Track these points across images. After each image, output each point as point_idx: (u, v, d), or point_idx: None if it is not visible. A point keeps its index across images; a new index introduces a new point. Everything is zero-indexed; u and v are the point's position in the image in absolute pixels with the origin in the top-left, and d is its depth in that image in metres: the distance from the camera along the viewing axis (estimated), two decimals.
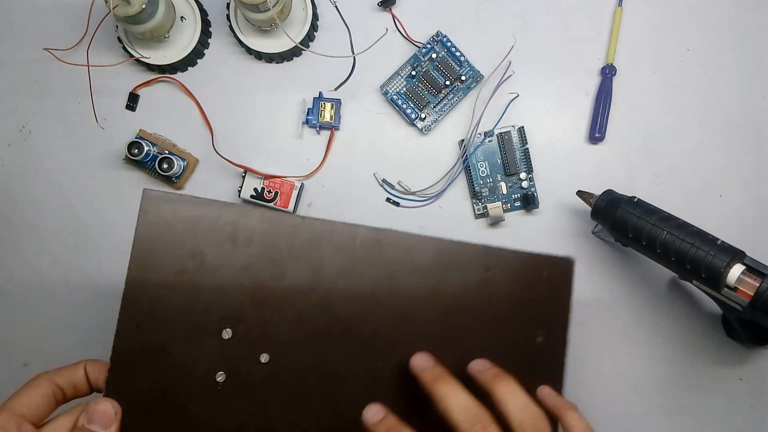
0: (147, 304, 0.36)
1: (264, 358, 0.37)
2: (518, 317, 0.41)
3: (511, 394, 0.36)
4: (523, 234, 0.55)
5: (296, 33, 0.54)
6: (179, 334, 0.36)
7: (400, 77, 0.55)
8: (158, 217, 0.37)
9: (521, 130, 0.55)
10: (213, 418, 0.36)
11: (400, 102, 0.55)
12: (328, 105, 0.55)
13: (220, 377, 0.37)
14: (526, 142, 0.54)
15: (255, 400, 0.37)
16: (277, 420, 0.37)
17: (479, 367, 0.38)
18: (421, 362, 0.38)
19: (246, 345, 0.37)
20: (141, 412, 0.36)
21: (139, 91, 0.56)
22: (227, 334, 0.37)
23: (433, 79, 0.55)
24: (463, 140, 0.55)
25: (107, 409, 0.35)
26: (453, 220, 0.55)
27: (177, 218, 0.37)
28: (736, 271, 0.43)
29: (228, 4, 0.55)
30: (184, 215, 0.37)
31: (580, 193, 0.52)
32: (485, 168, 0.55)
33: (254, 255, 0.37)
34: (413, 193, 0.55)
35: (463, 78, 0.55)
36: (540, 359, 0.41)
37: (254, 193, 0.54)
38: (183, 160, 0.55)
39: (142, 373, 0.36)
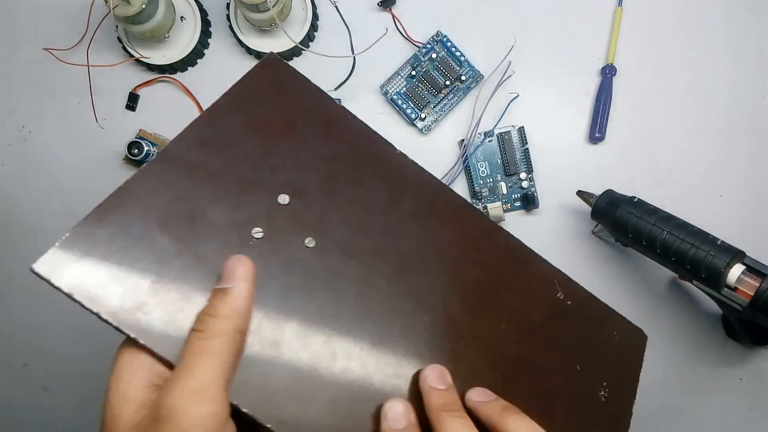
0: (221, 132, 0.34)
1: (309, 242, 0.33)
2: (585, 361, 0.38)
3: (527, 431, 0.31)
4: (523, 234, 0.55)
5: (296, 33, 0.54)
6: (239, 168, 0.33)
7: (400, 77, 0.55)
8: (272, 75, 0.36)
9: (521, 130, 0.55)
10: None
11: (400, 102, 0.55)
12: None
13: (258, 234, 0.32)
14: (526, 142, 0.54)
15: (282, 273, 0.32)
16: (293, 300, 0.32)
17: (482, 398, 0.33)
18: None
19: (298, 221, 0.33)
20: (161, 221, 0.31)
21: (139, 91, 0.56)
22: (284, 199, 0.34)
23: (433, 79, 0.55)
24: (463, 140, 0.55)
25: (241, 263, 0.29)
26: None
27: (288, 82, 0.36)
28: (736, 271, 0.43)
29: (228, 4, 0.55)
30: (293, 87, 0.36)
31: (580, 193, 0.52)
32: (485, 168, 0.55)
33: (341, 151, 0.35)
34: None
35: (463, 78, 0.55)
36: (599, 415, 0.38)
37: None
38: None
39: (180, 184, 0.32)
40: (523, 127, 0.55)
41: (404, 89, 0.55)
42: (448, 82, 0.55)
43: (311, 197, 0.34)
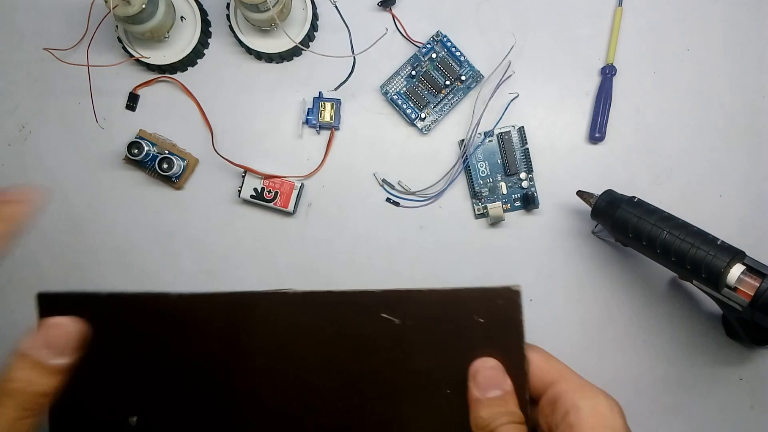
0: None
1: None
2: (451, 375, 0.32)
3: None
4: (524, 234, 0.55)
5: (296, 33, 0.54)
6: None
7: (400, 77, 0.55)
8: None
9: (521, 130, 0.55)
10: None
11: (400, 102, 0.55)
12: (328, 105, 0.55)
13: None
14: (526, 142, 0.54)
15: None
16: None
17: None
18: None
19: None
20: None
21: (139, 91, 0.56)
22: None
23: (433, 79, 0.55)
24: (463, 140, 0.55)
25: (63, 326, 0.27)
26: (453, 220, 0.55)
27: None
28: (736, 271, 0.43)
29: (228, 4, 0.55)
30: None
31: (580, 193, 0.52)
32: (485, 168, 0.55)
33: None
34: (413, 193, 0.55)
35: (463, 78, 0.55)
36: None
37: (254, 193, 0.54)
38: (183, 160, 0.55)
39: None
40: (523, 127, 0.55)
41: (404, 89, 0.55)
42: (448, 82, 0.55)
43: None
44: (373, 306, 0.32)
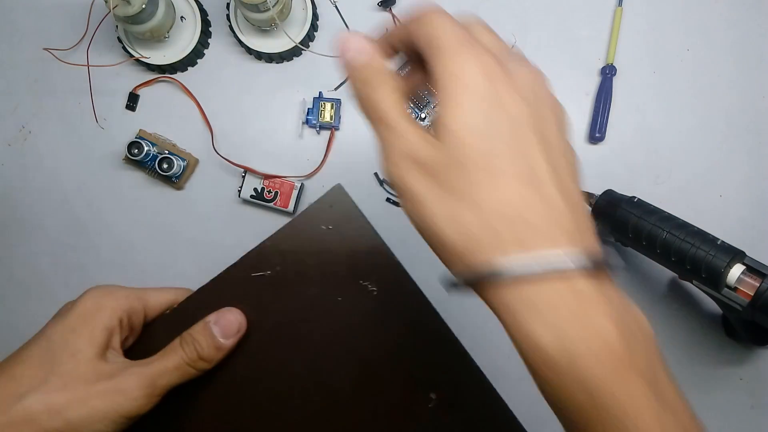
0: None
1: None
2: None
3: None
4: None
5: (296, 33, 0.54)
6: None
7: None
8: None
9: None
10: None
11: None
12: (328, 105, 0.55)
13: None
14: None
15: None
16: None
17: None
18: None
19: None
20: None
21: (139, 91, 0.56)
22: None
23: None
24: None
25: (235, 319, 0.35)
26: None
27: None
28: (736, 271, 0.43)
29: (228, 4, 0.55)
30: None
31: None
32: None
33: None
34: None
35: None
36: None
37: (254, 193, 0.54)
38: (183, 160, 0.55)
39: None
40: None
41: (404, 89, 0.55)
42: None
43: None
44: (242, 273, 0.38)
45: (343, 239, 0.38)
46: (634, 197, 0.48)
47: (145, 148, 0.53)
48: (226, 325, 0.36)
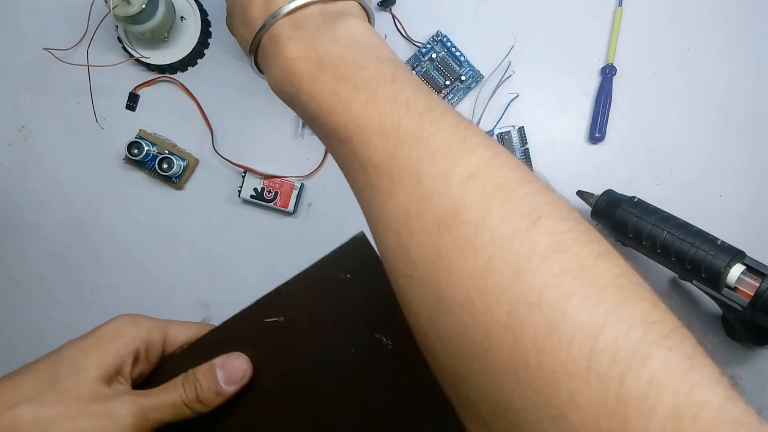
0: None
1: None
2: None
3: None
4: None
5: None
6: None
7: None
8: None
9: (521, 130, 0.55)
10: None
11: None
12: None
13: None
14: (526, 142, 0.54)
15: None
16: None
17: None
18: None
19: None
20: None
21: (139, 91, 0.56)
22: None
23: (433, 79, 0.55)
24: None
25: (240, 366, 0.35)
26: None
27: None
28: (736, 271, 0.43)
29: None
30: None
31: (580, 193, 0.52)
32: None
33: None
34: None
35: (463, 78, 0.55)
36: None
37: (254, 193, 0.54)
38: (183, 160, 0.55)
39: None
40: (523, 127, 0.55)
41: None
42: (448, 82, 0.55)
43: None
44: (256, 317, 0.36)
45: (360, 289, 0.36)
46: (634, 197, 0.48)
47: (145, 148, 0.53)
48: (231, 371, 0.35)
